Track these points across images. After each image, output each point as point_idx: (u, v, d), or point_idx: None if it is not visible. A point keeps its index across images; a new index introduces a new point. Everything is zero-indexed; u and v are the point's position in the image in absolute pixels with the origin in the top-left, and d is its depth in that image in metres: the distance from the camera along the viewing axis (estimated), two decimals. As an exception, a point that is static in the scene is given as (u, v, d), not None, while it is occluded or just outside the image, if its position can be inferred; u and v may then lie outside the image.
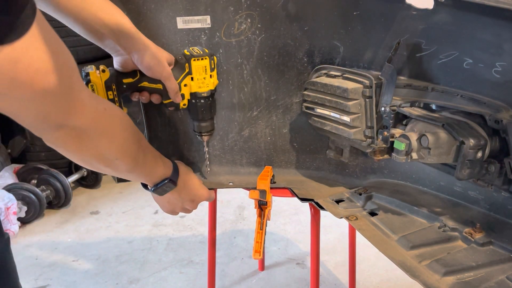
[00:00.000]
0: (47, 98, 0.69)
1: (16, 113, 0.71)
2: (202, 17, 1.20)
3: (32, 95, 0.66)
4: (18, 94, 0.65)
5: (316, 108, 1.20)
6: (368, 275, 2.17)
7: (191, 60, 1.17)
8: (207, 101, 1.23)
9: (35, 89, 0.65)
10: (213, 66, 1.20)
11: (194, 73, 1.18)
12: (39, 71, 0.65)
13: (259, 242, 1.14)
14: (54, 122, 0.75)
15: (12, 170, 2.89)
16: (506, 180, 1.04)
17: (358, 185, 1.34)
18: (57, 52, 0.68)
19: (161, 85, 1.13)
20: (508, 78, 0.95)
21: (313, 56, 1.25)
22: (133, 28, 1.05)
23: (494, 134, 1.03)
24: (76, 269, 2.29)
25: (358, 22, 1.14)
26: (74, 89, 0.74)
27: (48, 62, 0.66)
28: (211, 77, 1.21)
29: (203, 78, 1.20)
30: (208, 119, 1.27)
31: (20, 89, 0.64)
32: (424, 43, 1.05)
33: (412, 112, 1.11)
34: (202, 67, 1.19)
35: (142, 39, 1.06)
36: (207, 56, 1.18)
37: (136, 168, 0.99)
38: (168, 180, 1.09)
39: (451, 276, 0.97)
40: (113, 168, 0.93)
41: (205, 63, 1.19)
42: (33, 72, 0.63)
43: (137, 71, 1.11)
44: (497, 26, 0.90)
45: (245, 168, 1.42)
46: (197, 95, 1.21)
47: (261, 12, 1.19)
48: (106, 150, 0.88)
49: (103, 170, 0.93)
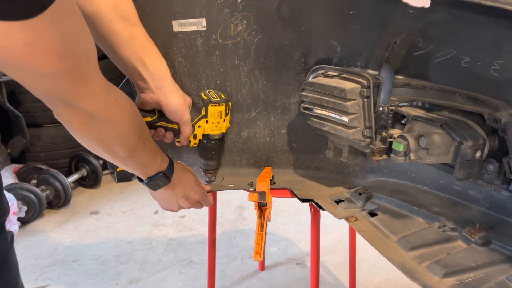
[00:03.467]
0: (59, 79, 0.70)
1: (28, 86, 0.72)
2: (198, 20, 1.19)
3: (45, 75, 0.67)
4: (31, 72, 0.65)
5: (314, 108, 1.19)
6: (368, 275, 2.17)
7: (209, 106, 1.22)
8: (218, 143, 1.28)
9: (48, 72, 0.66)
10: (227, 111, 1.26)
11: (209, 117, 1.24)
12: (55, 56, 0.65)
13: (260, 243, 1.14)
14: (64, 100, 0.77)
15: (12, 170, 2.89)
16: (505, 179, 1.04)
17: (357, 185, 1.34)
18: (78, 36, 0.68)
19: (177, 125, 1.18)
20: (506, 77, 0.94)
21: (310, 56, 1.24)
22: (169, 73, 1.12)
23: (493, 133, 1.03)
24: (76, 269, 2.29)
25: (354, 22, 1.14)
26: (87, 76, 0.75)
27: (65, 48, 0.66)
28: (224, 121, 1.26)
29: (217, 122, 1.25)
30: (216, 159, 1.32)
31: (33, 69, 0.64)
32: (421, 42, 1.04)
33: (410, 112, 1.11)
34: (218, 112, 1.24)
35: (173, 83, 1.13)
36: (223, 103, 1.24)
37: (133, 157, 1.00)
38: (162, 174, 1.10)
39: (450, 277, 0.97)
40: (111, 153, 0.95)
41: (221, 109, 1.24)
42: (48, 56, 0.64)
43: (156, 110, 1.15)
44: (495, 24, 0.90)
45: (244, 169, 1.41)
46: (209, 137, 1.26)
47: (256, 13, 1.18)
48: (107, 136, 0.90)
49: (101, 155, 0.95)
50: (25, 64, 0.63)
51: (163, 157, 1.11)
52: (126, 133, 0.93)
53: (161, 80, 1.10)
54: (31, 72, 0.66)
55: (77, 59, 0.69)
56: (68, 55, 0.67)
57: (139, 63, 1.07)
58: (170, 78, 1.12)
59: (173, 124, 1.17)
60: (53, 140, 3.06)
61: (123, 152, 0.96)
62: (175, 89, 1.13)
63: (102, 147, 0.92)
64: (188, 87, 1.29)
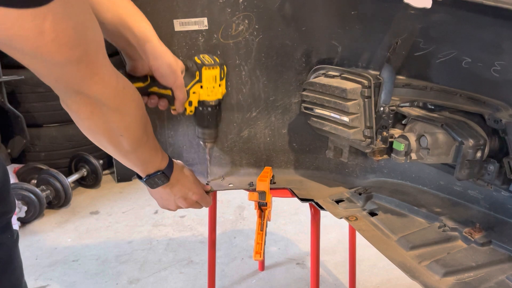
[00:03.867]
0: (70, 67, 0.70)
1: (40, 73, 0.72)
2: (199, 19, 1.19)
3: (56, 63, 0.67)
4: (43, 59, 0.66)
5: (315, 108, 1.19)
6: (368, 275, 2.17)
7: (202, 69, 1.17)
8: (214, 109, 1.24)
9: (59, 60, 0.66)
10: (222, 75, 1.21)
11: (204, 81, 1.19)
12: (67, 44, 0.65)
13: (260, 243, 1.14)
14: (73, 88, 0.77)
15: (12, 170, 2.89)
16: (505, 180, 1.04)
17: (357, 185, 1.34)
18: (88, 24, 0.69)
19: (171, 91, 1.14)
20: (507, 77, 0.95)
21: (311, 56, 1.24)
22: (155, 36, 1.08)
23: (494, 134, 1.03)
24: (76, 269, 2.29)
25: (356, 22, 1.14)
26: (97, 63, 0.75)
27: (76, 36, 0.66)
28: (220, 86, 1.22)
29: (213, 87, 1.20)
30: (213, 127, 1.28)
31: (45, 57, 0.65)
32: (423, 42, 1.05)
33: (411, 112, 1.11)
34: (212, 76, 1.19)
35: (162, 46, 1.09)
36: (218, 66, 1.19)
37: (137, 150, 1.00)
38: (161, 172, 1.10)
39: (451, 276, 0.97)
40: (115, 145, 0.94)
41: (215, 72, 1.19)
42: (60, 44, 0.64)
43: (148, 76, 1.12)
44: (496, 25, 0.90)
45: (245, 169, 1.41)
46: (205, 103, 1.22)
47: (258, 13, 1.18)
48: (114, 125, 0.89)
49: (105, 147, 0.95)
50: (37, 52, 0.63)
51: (163, 155, 1.10)
52: (132, 124, 0.93)
53: (148, 42, 1.06)
54: (43, 59, 0.66)
55: (87, 46, 0.70)
56: (79, 43, 0.68)
57: (123, 28, 1.03)
58: (157, 40, 1.08)
59: (167, 89, 1.13)
60: (53, 140, 3.06)
61: (128, 144, 0.95)
62: (165, 51, 1.09)
63: (107, 138, 0.92)
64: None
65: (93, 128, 0.89)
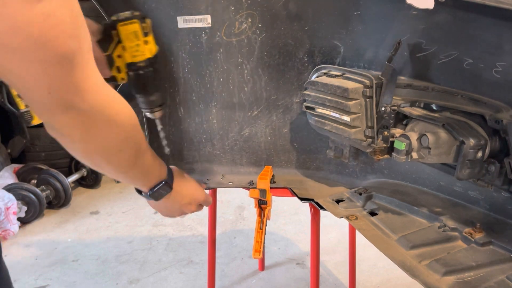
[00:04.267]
0: (66, 65, 0.68)
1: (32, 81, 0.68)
2: (203, 17, 1.20)
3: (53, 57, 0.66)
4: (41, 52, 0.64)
5: (316, 107, 1.20)
6: (368, 275, 2.17)
7: (118, 26, 1.03)
8: (148, 70, 1.09)
9: (57, 51, 0.65)
10: (146, 30, 1.07)
11: (124, 40, 1.04)
12: (65, 33, 0.65)
13: (259, 241, 1.14)
14: (65, 100, 0.72)
15: (12, 170, 2.89)
16: (506, 180, 1.04)
17: (358, 185, 1.34)
18: (81, 19, 0.69)
19: None
20: (508, 78, 0.95)
21: (314, 56, 1.25)
22: None
23: (494, 134, 1.03)
24: (76, 269, 2.29)
25: (358, 22, 1.15)
26: (89, 65, 0.73)
27: (73, 28, 0.66)
28: (146, 43, 1.07)
29: (136, 45, 1.06)
30: (154, 92, 1.14)
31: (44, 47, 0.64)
32: (425, 43, 1.05)
33: (413, 112, 1.11)
34: (132, 33, 1.04)
35: None
36: (135, 20, 1.04)
37: (138, 162, 0.95)
38: (164, 182, 1.05)
39: (451, 275, 0.97)
40: (115, 163, 0.89)
41: (134, 28, 1.04)
42: (59, 32, 0.64)
43: None
44: (497, 26, 0.90)
45: (245, 168, 1.42)
46: (134, 66, 1.08)
47: (261, 11, 1.19)
48: (112, 140, 0.84)
49: (103, 167, 0.89)
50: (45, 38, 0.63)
51: (160, 162, 1.06)
52: (130, 133, 0.87)
53: None
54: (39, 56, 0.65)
55: (82, 42, 0.69)
56: (75, 34, 0.67)
57: None
58: None
59: None
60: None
61: (128, 158, 0.91)
62: None
63: (106, 157, 0.87)
64: (192, 83, 1.29)
65: (90, 149, 0.83)
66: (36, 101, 0.72)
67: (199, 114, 1.34)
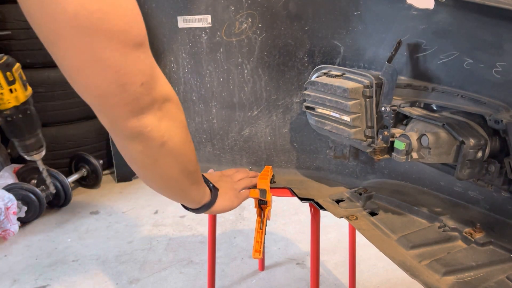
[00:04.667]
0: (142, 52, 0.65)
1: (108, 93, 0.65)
2: (203, 17, 1.20)
3: (126, 50, 0.63)
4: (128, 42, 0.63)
5: (316, 107, 1.20)
6: (368, 275, 2.17)
7: None
8: (17, 118, 1.08)
9: (130, 41, 0.63)
10: (11, 78, 1.03)
11: None
12: (132, 22, 0.63)
13: (259, 241, 1.14)
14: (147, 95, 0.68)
15: (12, 170, 2.89)
16: (506, 180, 1.04)
17: (358, 185, 1.34)
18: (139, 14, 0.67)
19: None
20: (508, 78, 0.95)
21: (314, 56, 1.25)
22: None
23: (494, 134, 1.03)
24: (76, 269, 2.29)
25: (358, 22, 1.15)
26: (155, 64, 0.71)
27: (138, 22, 0.65)
28: (13, 91, 1.04)
29: (0, 93, 1.02)
30: (30, 137, 1.13)
31: (117, 39, 0.61)
32: (425, 43, 1.05)
33: (413, 112, 1.11)
34: None
35: None
36: None
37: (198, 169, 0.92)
38: (212, 185, 1.05)
39: (451, 275, 0.97)
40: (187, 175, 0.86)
41: None
42: (128, 22, 0.62)
43: None
44: (498, 26, 0.90)
45: (245, 168, 1.41)
46: (1, 114, 1.07)
47: (262, 11, 1.19)
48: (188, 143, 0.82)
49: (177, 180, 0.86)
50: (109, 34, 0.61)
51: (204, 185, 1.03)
52: (189, 136, 0.84)
53: None
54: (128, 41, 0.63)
55: (146, 37, 0.67)
56: (142, 28, 0.66)
57: None
58: None
59: None
60: (53, 140, 3.06)
61: (194, 165, 0.88)
62: None
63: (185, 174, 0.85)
64: (192, 83, 1.29)
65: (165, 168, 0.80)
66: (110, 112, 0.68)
67: (199, 114, 1.35)
